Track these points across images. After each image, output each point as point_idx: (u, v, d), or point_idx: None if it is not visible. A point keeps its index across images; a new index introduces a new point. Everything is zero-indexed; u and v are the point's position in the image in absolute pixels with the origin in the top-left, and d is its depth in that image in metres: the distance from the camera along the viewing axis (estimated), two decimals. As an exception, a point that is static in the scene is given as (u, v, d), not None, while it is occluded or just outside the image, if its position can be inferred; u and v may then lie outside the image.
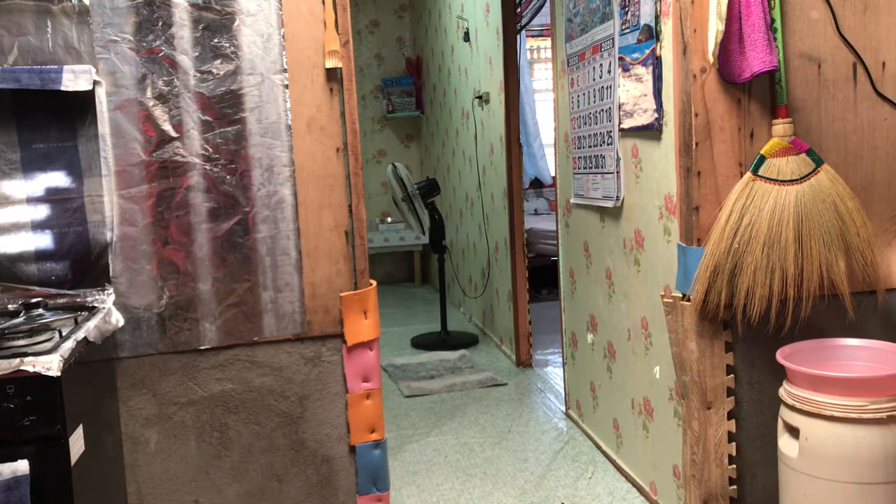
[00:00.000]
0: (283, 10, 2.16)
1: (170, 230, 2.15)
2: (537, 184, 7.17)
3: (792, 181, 2.09)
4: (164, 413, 2.20)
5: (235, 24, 2.14)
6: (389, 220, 7.12)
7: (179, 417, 2.21)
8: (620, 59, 2.61)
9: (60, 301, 2.05)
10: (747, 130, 2.16)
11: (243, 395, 2.23)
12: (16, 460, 1.57)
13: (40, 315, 1.91)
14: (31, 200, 2.06)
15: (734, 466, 2.22)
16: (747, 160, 2.15)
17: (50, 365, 1.58)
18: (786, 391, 2.01)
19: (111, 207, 2.11)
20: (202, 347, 2.20)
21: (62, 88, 1.99)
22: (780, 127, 2.12)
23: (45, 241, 2.07)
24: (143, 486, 2.20)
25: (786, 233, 2.06)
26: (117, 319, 2.08)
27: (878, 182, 2.23)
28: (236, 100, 2.16)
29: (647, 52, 2.42)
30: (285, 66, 2.17)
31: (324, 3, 2.17)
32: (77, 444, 1.68)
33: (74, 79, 2.00)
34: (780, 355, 2.04)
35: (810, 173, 2.10)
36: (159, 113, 2.13)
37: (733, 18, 2.05)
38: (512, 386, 4.10)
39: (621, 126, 2.65)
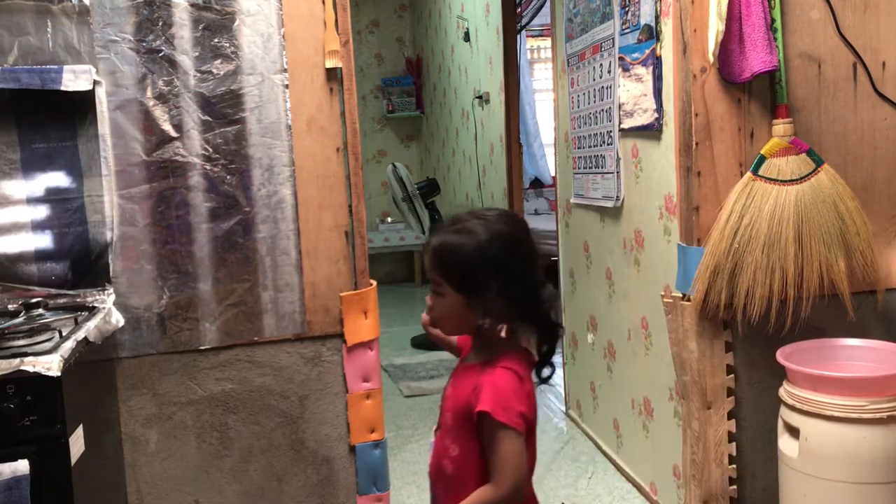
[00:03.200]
0: (283, 10, 2.16)
1: (170, 230, 2.15)
2: (537, 184, 7.17)
3: (792, 181, 2.09)
4: (164, 413, 2.20)
5: (235, 24, 2.14)
6: (389, 220, 7.12)
7: (179, 417, 2.21)
8: (620, 58, 2.61)
9: (60, 301, 2.05)
10: (747, 130, 2.15)
11: (243, 395, 2.23)
12: (16, 460, 1.56)
13: (40, 315, 1.91)
14: (31, 200, 2.06)
15: (734, 466, 2.22)
16: (747, 160, 2.15)
17: (50, 365, 1.58)
18: (786, 391, 2.01)
19: (111, 207, 2.10)
20: (202, 347, 2.20)
21: (62, 88, 1.99)
22: (780, 127, 2.12)
23: (45, 241, 2.07)
24: (143, 486, 2.20)
25: (786, 233, 2.06)
26: (117, 319, 2.08)
27: (878, 182, 2.23)
28: (236, 100, 2.16)
29: (647, 51, 2.41)
30: (285, 66, 2.17)
31: (324, 3, 2.17)
32: (77, 444, 1.68)
33: (74, 79, 2.00)
34: (780, 355, 2.04)
35: (810, 173, 2.10)
36: (159, 113, 2.13)
37: (733, 18, 2.05)
38: (512, 386, 4.09)
39: (621, 126, 2.65)
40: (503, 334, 1.41)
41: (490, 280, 1.34)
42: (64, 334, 1.75)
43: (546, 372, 1.45)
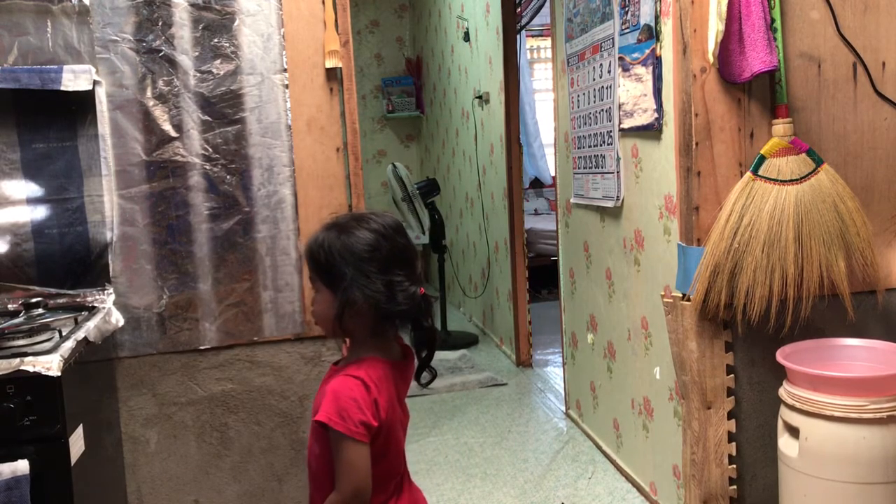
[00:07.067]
0: (283, 10, 2.16)
1: (170, 230, 2.15)
2: (537, 184, 7.16)
3: (792, 181, 2.09)
4: (164, 413, 2.20)
5: (235, 23, 2.14)
6: (389, 220, 7.10)
7: (179, 417, 2.21)
8: (620, 58, 2.61)
9: (60, 301, 2.05)
10: (747, 130, 2.15)
11: (243, 395, 2.23)
12: (16, 460, 1.57)
13: (40, 315, 1.91)
14: (31, 200, 2.06)
15: (734, 466, 2.22)
16: (747, 160, 2.15)
17: (50, 365, 1.58)
18: (786, 391, 2.01)
19: (111, 207, 2.11)
20: (202, 347, 2.20)
21: (62, 88, 1.99)
22: (780, 127, 2.12)
23: (45, 240, 2.07)
24: (143, 486, 2.20)
25: (786, 233, 2.06)
26: (117, 319, 2.08)
27: (878, 182, 2.23)
28: (236, 100, 2.16)
29: (647, 51, 2.41)
30: (285, 66, 2.17)
31: (324, 3, 2.17)
32: (77, 444, 1.68)
33: (74, 79, 2.01)
34: (780, 355, 2.04)
35: (810, 173, 2.10)
36: (159, 113, 2.13)
37: (733, 18, 2.05)
38: (512, 386, 4.10)
39: (621, 126, 2.65)
40: (366, 336, 1.41)
41: (348, 271, 1.36)
42: (64, 334, 1.75)
43: (425, 377, 1.48)
